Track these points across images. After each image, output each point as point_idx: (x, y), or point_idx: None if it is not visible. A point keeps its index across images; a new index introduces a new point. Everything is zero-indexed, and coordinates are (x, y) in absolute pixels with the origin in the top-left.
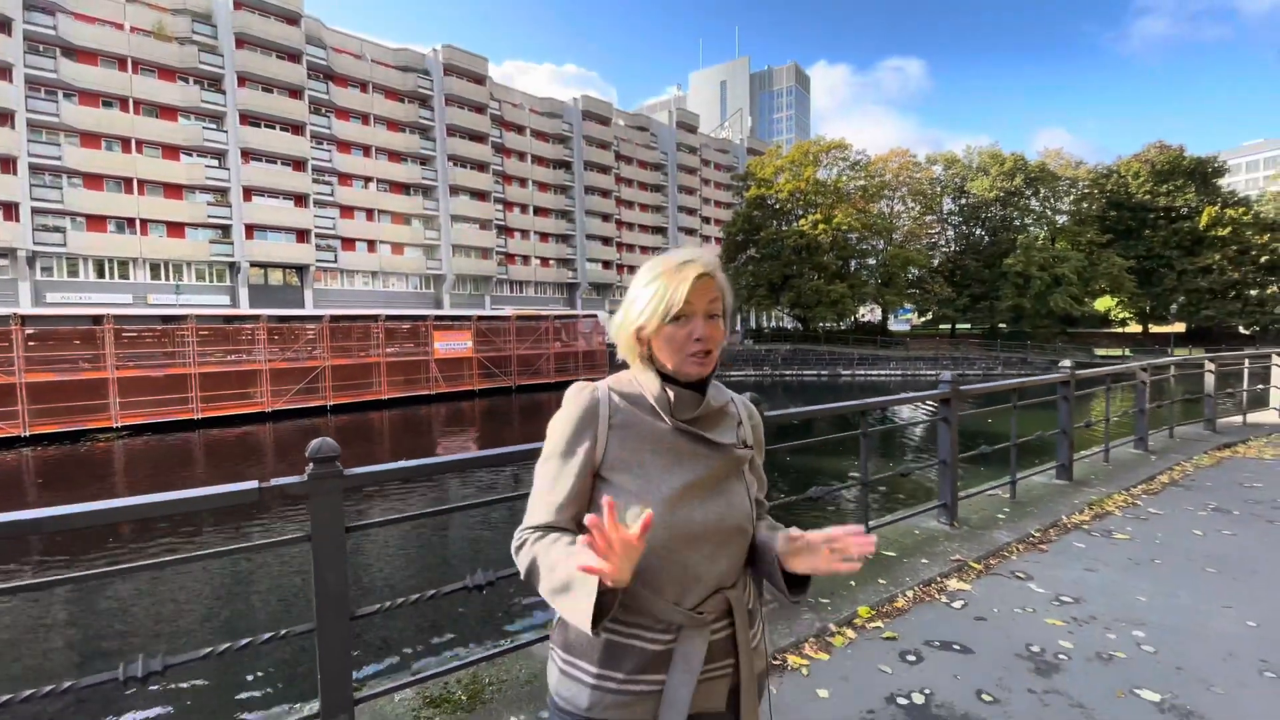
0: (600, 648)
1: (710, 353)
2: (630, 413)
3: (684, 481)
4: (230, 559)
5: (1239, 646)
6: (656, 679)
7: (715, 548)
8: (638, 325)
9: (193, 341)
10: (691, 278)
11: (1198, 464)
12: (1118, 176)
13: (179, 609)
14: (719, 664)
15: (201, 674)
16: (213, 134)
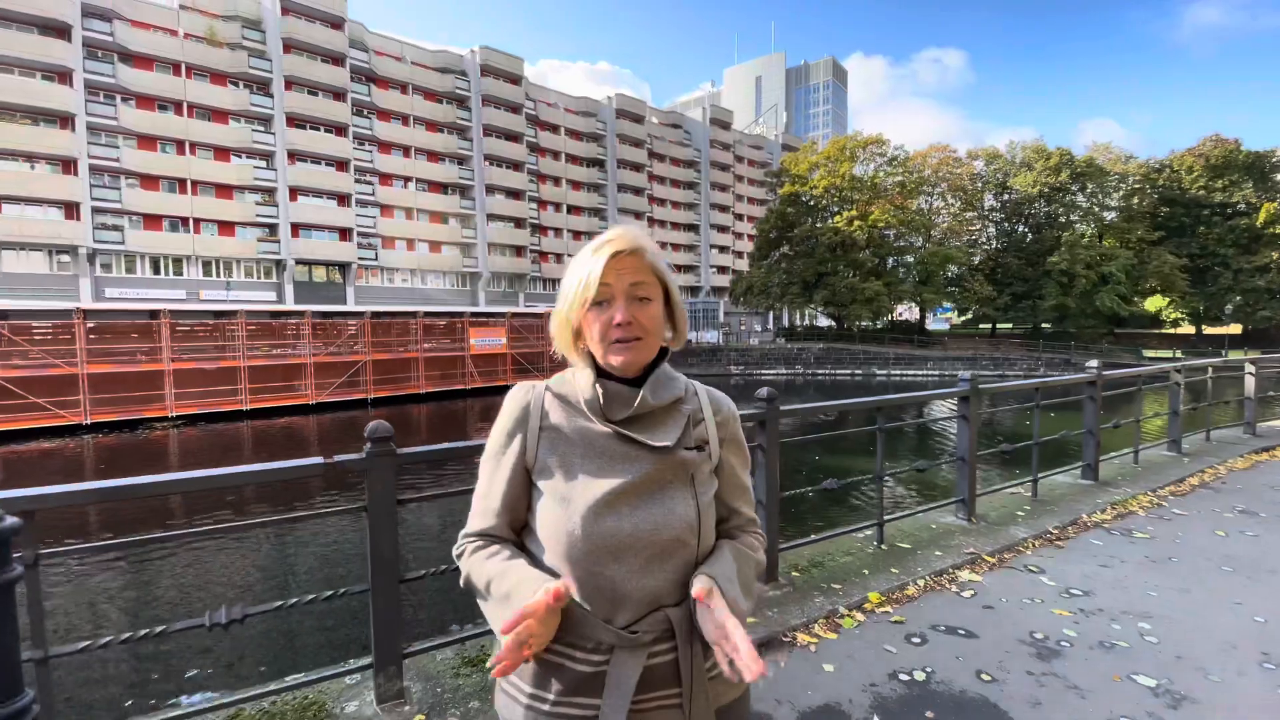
0: (532, 668)
1: (639, 339)
2: (562, 414)
3: (611, 487)
4: (290, 535)
5: (1243, 640)
6: (589, 703)
7: (647, 561)
8: (565, 315)
9: (242, 336)
10: (605, 257)
11: (1231, 467)
12: (1170, 171)
13: (246, 575)
14: (660, 692)
15: (269, 627)
16: (261, 136)
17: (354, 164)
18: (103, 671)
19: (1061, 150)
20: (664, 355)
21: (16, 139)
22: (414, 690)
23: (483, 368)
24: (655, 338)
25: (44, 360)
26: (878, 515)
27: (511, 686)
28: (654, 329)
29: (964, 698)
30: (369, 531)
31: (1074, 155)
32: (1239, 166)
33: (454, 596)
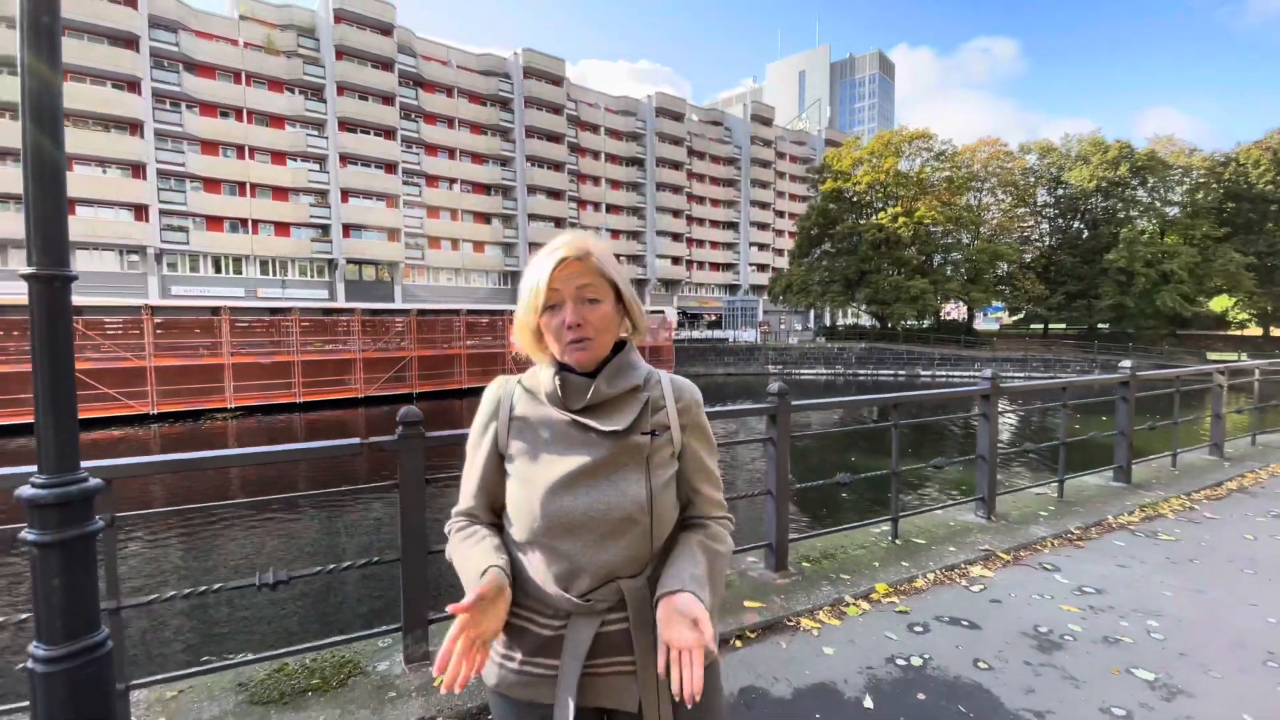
0: (505, 630)
1: (590, 338)
2: (528, 405)
3: (567, 470)
4: (336, 516)
5: (1251, 639)
6: (550, 663)
7: (601, 537)
8: (523, 322)
9: (296, 332)
10: (551, 266)
11: (1274, 471)
12: (1236, 165)
13: (294, 548)
14: (615, 658)
15: (312, 593)
16: (314, 140)
17: (401, 166)
18: (166, 625)
19: (1120, 143)
20: (621, 347)
21: (90, 145)
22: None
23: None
24: (607, 334)
25: (115, 354)
26: (893, 511)
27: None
28: (604, 327)
29: (957, 683)
30: (400, 506)
31: (1134, 148)
32: None
33: None
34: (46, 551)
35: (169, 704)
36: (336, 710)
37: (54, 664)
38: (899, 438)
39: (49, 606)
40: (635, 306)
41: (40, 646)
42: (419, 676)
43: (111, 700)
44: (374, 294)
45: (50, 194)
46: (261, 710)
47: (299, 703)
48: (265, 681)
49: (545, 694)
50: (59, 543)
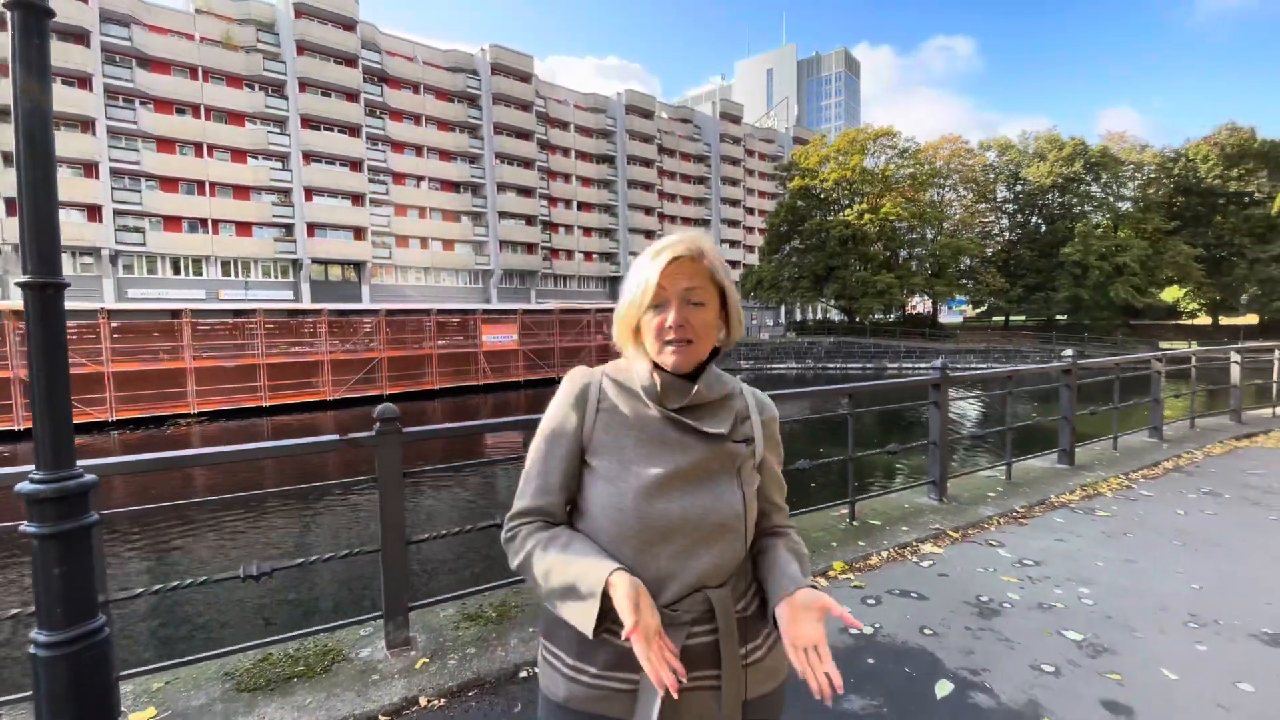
0: (576, 640)
1: (689, 341)
2: (619, 398)
3: (663, 471)
4: (314, 515)
5: (1174, 603)
6: (629, 677)
7: (694, 544)
8: (625, 317)
9: (261, 334)
10: (662, 264)
11: (1209, 452)
12: (1185, 160)
13: (276, 544)
14: (700, 672)
15: (294, 585)
16: (276, 137)
17: (368, 164)
18: (149, 619)
19: (1075, 140)
20: (715, 354)
21: None
22: (419, 639)
23: (495, 364)
24: (706, 341)
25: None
26: (850, 494)
27: (553, 656)
28: (705, 333)
29: (904, 647)
30: (380, 499)
31: (1088, 145)
32: (1254, 155)
33: (455, 561)
34: (46, 543)
35: (156, 695)
36: (323, 694)
37: (56, 649)
38: (856, 426)
39: (49, 595)
40: (738, 315)
41: (42, 633)
42: (401, 661)
43: (111, 684)
44: (341, 294)
45: (43, 206)
46: (249, 697)
47: (285, 688)
48: (250, 670)
49: (619, 710)
50: (58, 535)
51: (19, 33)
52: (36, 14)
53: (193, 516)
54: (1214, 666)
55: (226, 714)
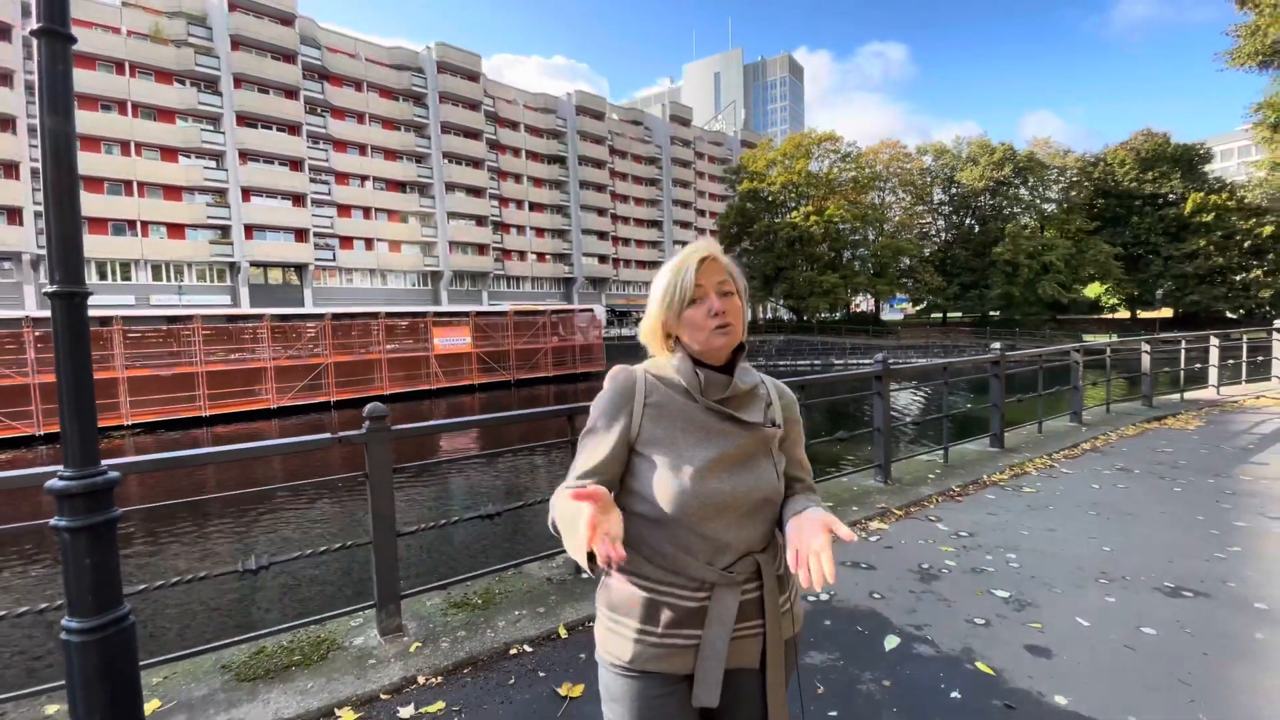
0: (641, 604)
1: (731, 324)
2: (664, 393)
3: (713, 455)
4: (305, 514)
5: (1088, 563)
6: (693, 633)
7: (742, 516)
8: (661, 320)
9: (198, 341)
10: (695, 261)
11: (1123, 434)
12: (1104, 164)
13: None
14: (750, 623)
15: (289, 580)
16: (210, 135)
17: (309, 163)
18: (140, 614)
19: (1004, 145)
20: (741, 349)
21: None
22: (410, 626)
23: (447, 367)
24: (741, 327)
25: None
26: None
27: (617, 623)
28: (739, 319)
29: (856, 610)
30: (370, 494)
31: (1016, 150)
32: (1168, 159)
33: (443, 553)
34: (77, 536)
35: (156, 688)
36: (323, 679)
37: (88, 635)
38: (807, 419)
39: (80, 585)
40: (746, 312)
41: (74, 621)
42: (395, 646)
43: (137, 669)
44: (282, 298)
45: (68, 222)
46: (250, 685)
47: (285, 676)
48: (247, 662)
49: (680, 664)
50: (88, 528)
51: (45, 60)
52: (61, 41)
53: (183, 515)
54: (1121, 615)
55: (230, 702)
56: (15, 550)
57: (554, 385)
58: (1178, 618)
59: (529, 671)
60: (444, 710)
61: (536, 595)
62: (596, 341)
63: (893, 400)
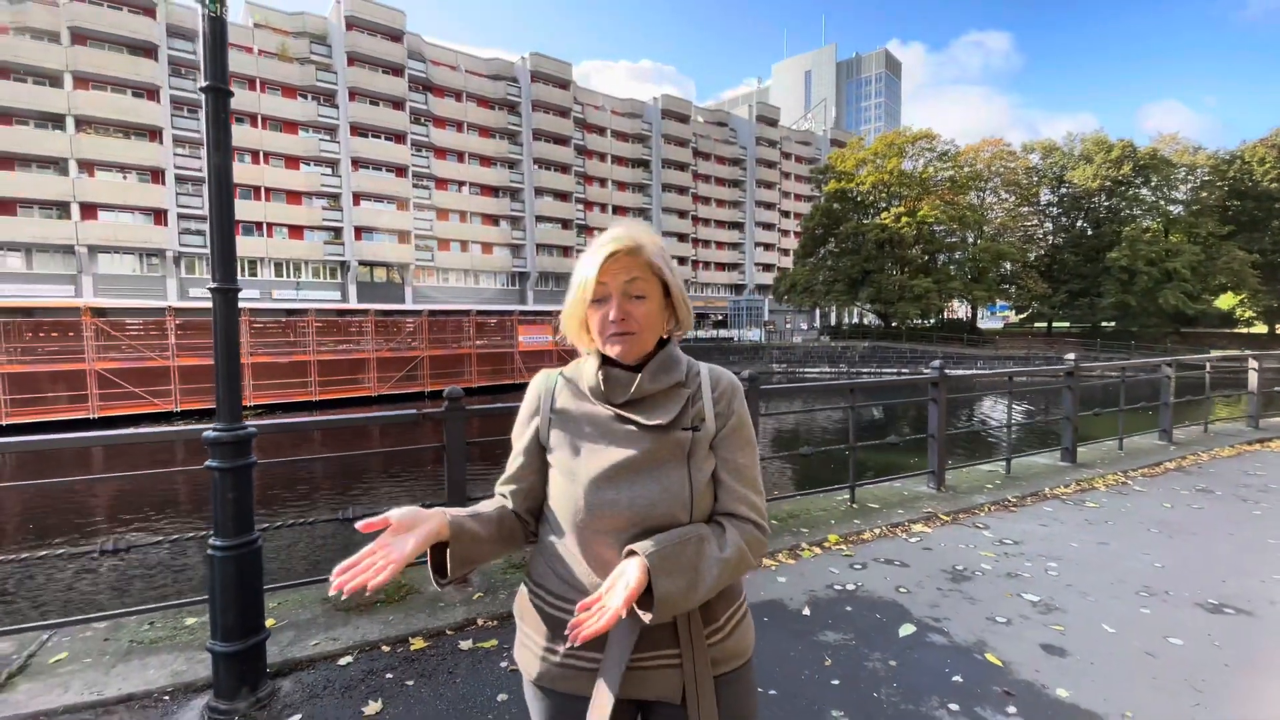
0: (545, 620)
1: (632, 333)
2: (571, 397)
3: (610, 462)
4: (390, 480)
5: (1132, 577)
6: (594, 656)
7: (644, 531)
8: (572, 313)
9: (312, 332)
10: (600, 259)
11: (1216, 455)
12: (1241, 163)
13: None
14: (660, 652)
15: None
16: (327, 144)
17: (412, 170)
18: (269, 551)
19: (1124, 142)
20: (664, 344)
21: (111, 151)
22: (474, 579)
23: (530, 363)
24: (649, 332)
25: (139, 354)
26: (850, 479)
27: (526, 636)
28: (648, 324)
29: (879, 600)
30: (446, 463)
31: (1136, 147)
32: None
33: None
34: (224, 475)
35: (273, 611)
36: (401, 614)
37: (228, 551)
38: (864, 422)
39: (224, 513)
40: (683, 303)
41: (219, 539)
42: (461, 595)
43: (262, 584)
44: (385, 295)
45: (227, 239)
46: (344, 615)
47: (372, 611)
48: (341, 598)
49: (587, 686)
50: (233, 469)
51: (210, 110)
52: (222, 96)
53: (297, 476)
54: (1151, 625)
55: (328, 625)
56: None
57: None
58: (1210, 631)
59: None
60: (496, 647)
61: None
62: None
63: (997, 409)
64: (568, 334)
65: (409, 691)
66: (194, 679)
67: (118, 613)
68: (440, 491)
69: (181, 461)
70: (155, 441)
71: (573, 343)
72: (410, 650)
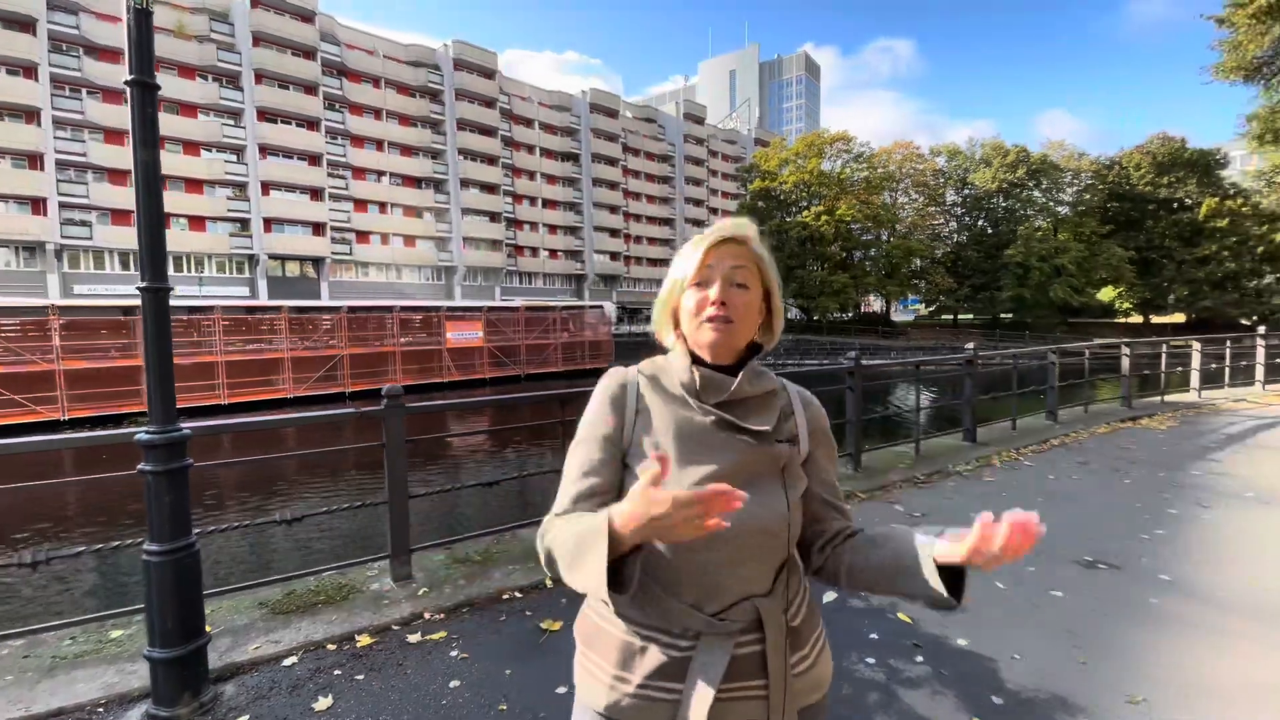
0: (618, 647)
1: (730, 322)
2: (658, 397)
3: (706, 472)
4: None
5: None
6: (673, 688)
7: (738, 550)
8: (667, 299)
9: (219, 331)
10: (709, 242)
11: (1094, 432)
12: (1120, 168)
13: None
14: (746, 683)
15: (317, 534)
16: (231, 130)
17: (327, 158)
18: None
19: (1018, 147)
20: (756, 351)
21: None
22: (418, 575)
23: (459, 361)
24: (746, 325)
25: (17, 358)
26: None
27: (593, 663)
28: (746, 316)
29: None
30: (386, 461)
31: (1030, 152)
32: (1183, 164)
33: (446, 521)
34: (158, 478)
35: (208, 618)
36: (344, 613)
37: (166, 556)
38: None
39: (160, 517)
40: (780, 313)
41: (154, 544)
42: (405, 590)
43: (201, 590)
44: (299, 291)
45: (155, 233)
46: (284, 618)
47: (313, 611)
48: (280, 601)
49: (663, 718)
50: (166, 472)
51: (136, 105)
52: (149, 90)
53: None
54: (1036, 581)
55: (267, 628)
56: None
57: (563, 380)
58: (1086, 585)
59: (518, 611)
60: (445, 638)
61: (529, 554)
62: (606, 338)
63: (910, 395)
64: (657, 324)
65: (360, 685)
66: (128, 689)
67: (34, 628)
68: (380, 490)
69: (90, 470)
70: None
71: (657, 335)
72: (357, 647)
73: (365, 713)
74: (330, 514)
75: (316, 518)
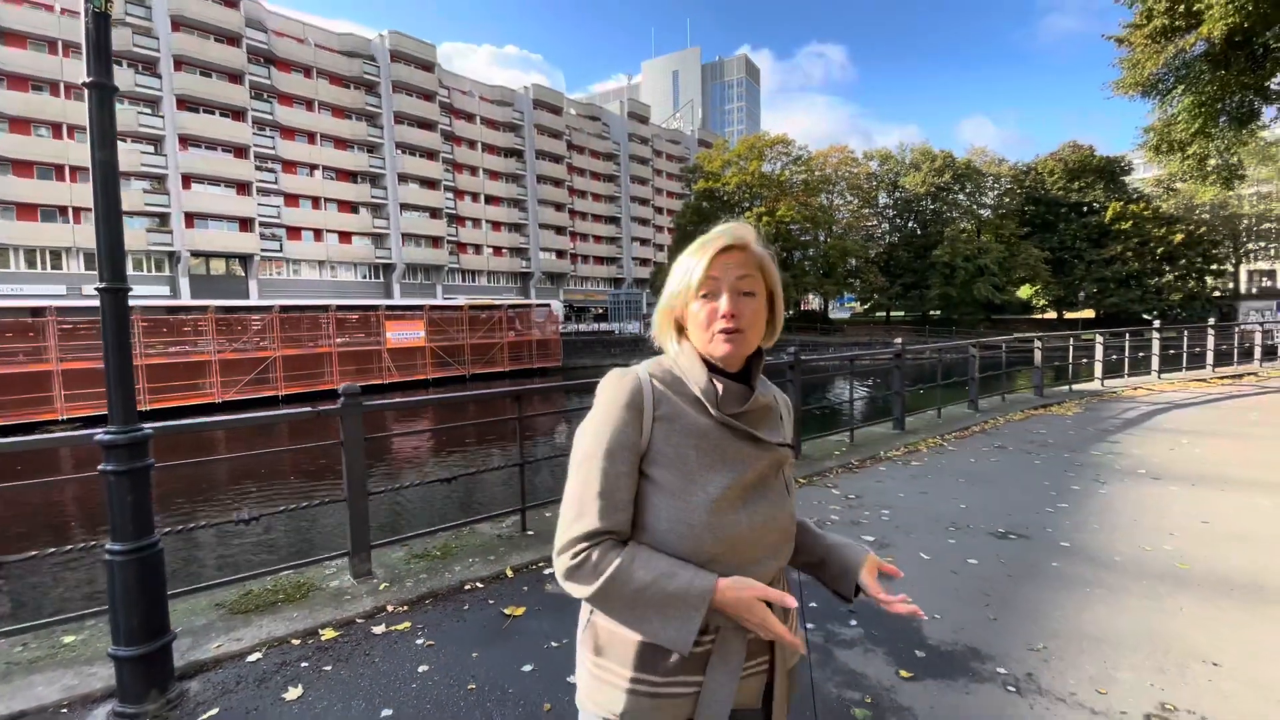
0: (635, 650)
1: (741, 331)
2: (674, 403)
3: (728, 482)
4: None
5: (942, 516)
6: (693, 680)
7: (760, 553)
8: (669, 306)
9: (137, 333)
10: (713, 251)
11: (1010, 419)
12: (1035, 173)
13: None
14: (755, 660)
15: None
16: (148, 119)
17: (254, 150)
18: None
19: (944, 153)
20: (759, 355)
21: None
22: (378, 571)
23: (400, 362)
24: (754, 332)
25: None
26: None
27: (608, 670)
28: (755, 323)
29: None
30: (345, 459)
31: (955, 158)
32: (1093, 170)
33: (404, 519)
34: (120, 478)
35: None
36: (305, 610)
37: (127, 555)
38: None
39: (122, 517)
40: (781, 312)
41: (117, 544)
42: (366, 586)
43: (165, 589)
44: (225, 290)
45: (114, 233)
46: (244, 616)
47: (272, 609)
48: (238, 601)
49: (676, 714)
50: (128, 471)
51: (94, 106)
52: (106, 92)
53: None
54: (956, 551)
55: (228, 627)
56: None
57: (509, 380)
58: (998, 553)
59: (481, 600)
60: (410, 628)
61: (487, 547)
62: (554, 337)
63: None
64: (658, 330)
65: (329, 675)
66: (90, 690)
67: None
68: (337, 488)
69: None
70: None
71: (658, 340)
72: (322, 640)
73: (337, 699)
74: (285, 513)
75: (264, 519)
